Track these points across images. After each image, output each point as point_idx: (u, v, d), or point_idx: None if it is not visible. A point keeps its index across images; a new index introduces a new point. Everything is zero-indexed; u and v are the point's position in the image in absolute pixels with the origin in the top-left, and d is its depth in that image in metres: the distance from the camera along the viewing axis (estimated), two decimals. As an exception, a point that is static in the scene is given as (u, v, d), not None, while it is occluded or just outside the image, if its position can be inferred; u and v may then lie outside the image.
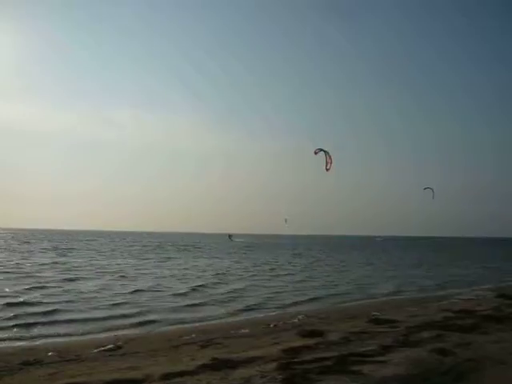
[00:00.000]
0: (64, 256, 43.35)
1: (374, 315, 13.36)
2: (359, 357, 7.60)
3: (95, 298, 17.93)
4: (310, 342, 9.14)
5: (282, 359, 7.56)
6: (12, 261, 34.89)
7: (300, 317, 14.03)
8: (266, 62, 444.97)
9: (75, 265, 33.08)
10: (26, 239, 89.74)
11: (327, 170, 22.61)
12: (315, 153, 22.21)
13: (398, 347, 8.36)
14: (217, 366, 7.38)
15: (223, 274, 29.24)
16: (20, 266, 30.45)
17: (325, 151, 22.30)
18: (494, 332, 9.87)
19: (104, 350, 9.85)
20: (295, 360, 7.48)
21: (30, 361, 8.90)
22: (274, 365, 7.17)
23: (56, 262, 34.69)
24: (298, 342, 9.18)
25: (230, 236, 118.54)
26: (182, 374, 6.99)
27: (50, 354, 9.52)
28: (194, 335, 11.35)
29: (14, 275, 24.88)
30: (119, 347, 10.13)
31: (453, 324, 10.87)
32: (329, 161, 22.32)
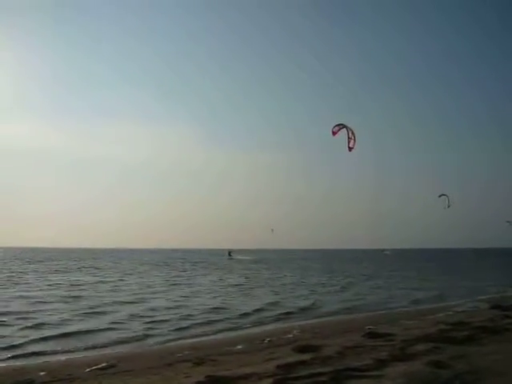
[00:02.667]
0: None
1: (369, 329, 13.28)
2: (355, 371, 7.52)
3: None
4: (305, 357, 9.04)
5: (278, 375, 7.47)
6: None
7: (295, 332, 13.93)
8: (257, 74, 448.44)
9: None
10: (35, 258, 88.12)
11: (351, 148, 18.91)
12: (334, 133, 18.62)
13: (393, 361, 8.28)
14: (212, 383, 7.30)
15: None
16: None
17: (346, 126, 18.72)
18: (489, 343, 9.83)
19: (97, 369, 9.70)
20: (290, 376, 7.39)
21: (21, 381, 8.77)
22: (269, 381, 7.08)
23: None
24: (293, 358, 9.08)
25: (229, 253, 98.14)
26: (175, 392, 6.90)
27: (41, 373, 9.38)
28: (187, 352, 11.21)
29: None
30: (112, 366, 9.97)
31: (448, 336, 10.82)
32: (351, 137, 18.65)
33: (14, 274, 41.60)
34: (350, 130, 18.65)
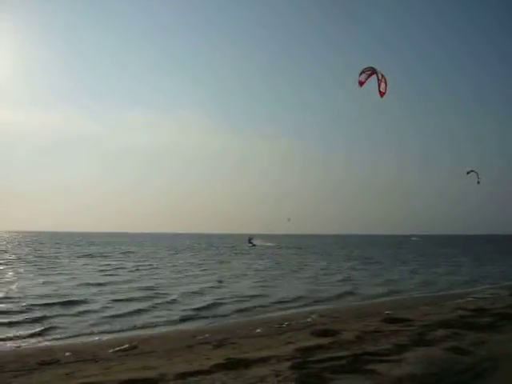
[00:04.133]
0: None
1: (387, 314, 13.30)
2: (373, 356, 7.56)
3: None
4: (324, 341, 9.13)
5: (296, 358, 7.57)
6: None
7: (313, 316, 14.02)
8: (275, 63, 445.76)
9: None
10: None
11: (382, 94, 16.01)
12: (361, 83, 15.84)
13: (412, 346, 8.30)
14: (231, 365, 7.41)
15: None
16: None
17: (375, 70, 15.87)
18: (509, 330, 9.78)
19: (120, 350, 9.94)
20: (309, 359, 7.48)
21: (47, 361, 9.04)
22: (287, 364, 7.17)
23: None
24: (312, 342, 9.17)
25: (250, 239, 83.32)
26: (196, 373, 7.02)
27: (66, 354, 9.65)
28: (207, 335, 11.40)
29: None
30: (134, 347, 10.21)
31: (468, 322, 10.78)
32: (382, 79, 15.82)
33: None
34: (380, 73, 15.95)
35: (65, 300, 17.30)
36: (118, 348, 10.11)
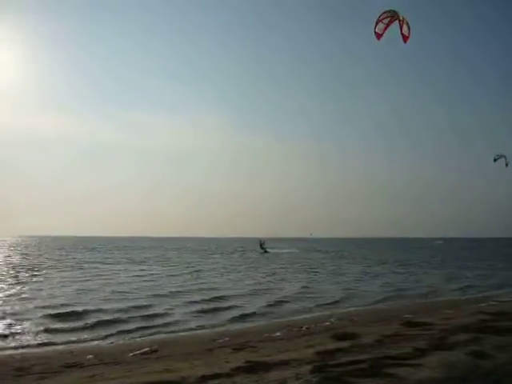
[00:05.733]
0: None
1: (407, 318, 13.22)
2: (394, 360, 7.54)
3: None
4: (344, 344, 9.13)
5: (316, 362, 7.58)
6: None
7: (332, 319, 14.01)
8: (288, 64, 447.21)
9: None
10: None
11: (406, 38, 13.86)
12: (379, 36, 13.60)
13: (433, 350, 8.25)
14: (251, 368, 7.46)
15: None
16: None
17: (394, 12, 13.58)
18: (532, 334, 9.64)
19: (140, 354, 10.07)
20: (330, 363, 7.49)
21: (70, 363, 9.21)
22: (308, 367, 7.20)
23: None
24: (332, 345, 9.18)
25: (261, 244, 73.66)
26: (217, 376, 7.09)
27: (88, 357, 9.81)
28: (227, 338, 11.48)
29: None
30: (155, 350, 10.34)
31: (489, 326, 10.65)
32: (403, 22, 13.55)
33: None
34: (402, 17, 13.76)
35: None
36: (138, 351, 10.25)
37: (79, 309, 16.40)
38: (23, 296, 19.78)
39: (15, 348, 11.22)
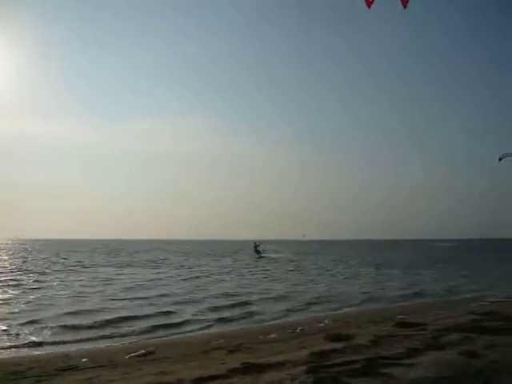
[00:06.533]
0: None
1: (400, 318, 13.34)
2: (388, 360, 7.64)
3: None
4: (338, 345, 9.21)
5: (311, 363, 7.66)
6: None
7: (326, 321, 14.11)
8: (270, 68, 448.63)
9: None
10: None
11: (406, 3, 12.15)
12: (370, 3, 11.91)
13: (426, 350, 8.36)
14: (247, 369, 7.52)
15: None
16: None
17: None
18: (522, 333, 9.79)
19: (136, 356, 10.10)
20: (324, 363, 7.57)
21: (65, 367, 9.22)
22: (303, 368, 7.27)
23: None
24: (326, 346, 9.26)
25: (256, 247, 66.03)
26: (213, 377, 7.15)
27: (83, 360, 9.82)
28: (222, 340, 11.53)
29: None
30: (150, 353, 10.37)
31: (481, 326, 10.79)
32: None
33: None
34: None
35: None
36: (134, 354, 10.27)
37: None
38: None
39: (9, 351, 11.23)
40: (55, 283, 27.26)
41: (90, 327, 14.01)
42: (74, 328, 13.93)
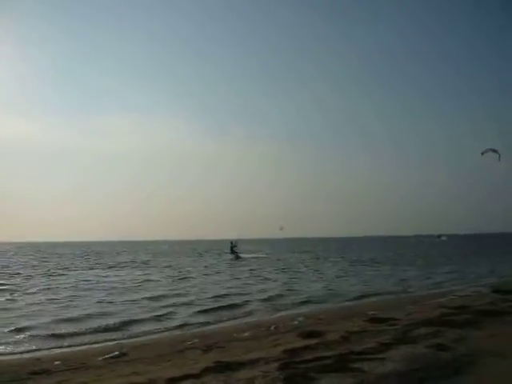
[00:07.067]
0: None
1: (372, 314, 13.57)
2: (359, 355, 7.81)
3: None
4: (311, 342, 9.35)
5: (284, 359, 7.77)
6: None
7: (300, 319, 14.23)
8: (263, 64, 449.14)
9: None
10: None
11: None
12: None
13: (396, 344, 8.57)
14: (220, 368, 7.58)
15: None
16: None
17: None
18: (488, 326, 10.10)
19: (109, 358, 10.02)
20: (296, 360, 7.69)
21: (38, 370, 9.09)
22: (275, 365, 7.37)
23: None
24: (299, 343, 9.38)
25: (232, 247, 60.25)
26: (186, 377, 7.19)
27: (56, 363, 9.70)
28: (196, 340, 11.53)
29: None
30: (124, 354, 10.30)
31: (450, 320, 11.09)
32: None
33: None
34: None
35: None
36: (107, 355, 10.19)
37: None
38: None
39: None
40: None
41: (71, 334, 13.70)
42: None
